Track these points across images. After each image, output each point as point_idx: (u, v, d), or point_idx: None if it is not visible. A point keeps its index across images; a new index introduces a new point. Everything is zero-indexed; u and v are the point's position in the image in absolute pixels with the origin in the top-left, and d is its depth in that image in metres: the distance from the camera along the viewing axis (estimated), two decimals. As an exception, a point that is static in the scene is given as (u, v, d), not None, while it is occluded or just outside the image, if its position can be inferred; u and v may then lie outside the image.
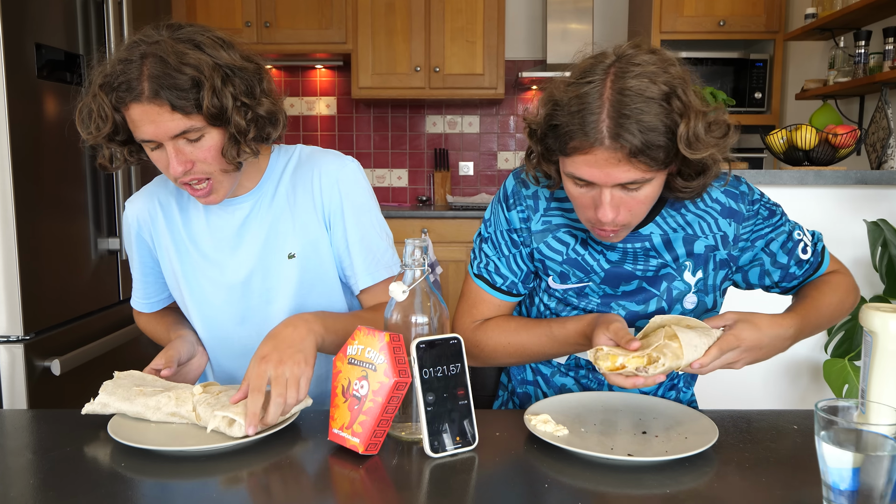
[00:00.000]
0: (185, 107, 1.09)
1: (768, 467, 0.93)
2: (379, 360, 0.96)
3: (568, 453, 0.95)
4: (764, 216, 1.23)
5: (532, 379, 1.33)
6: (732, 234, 1.22)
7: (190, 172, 1.15)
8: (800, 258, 1.24)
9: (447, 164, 4.50)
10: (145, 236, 1.35)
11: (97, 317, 2.08)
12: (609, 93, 1.00)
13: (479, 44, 4.10)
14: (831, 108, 2.83)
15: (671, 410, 1.10)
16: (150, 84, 1.08)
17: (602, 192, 1.05)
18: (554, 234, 1.23)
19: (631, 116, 0.98)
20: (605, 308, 1.23)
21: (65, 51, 1.94)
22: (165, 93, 1.08)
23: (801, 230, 1.26)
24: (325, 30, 4.08)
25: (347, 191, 1.28)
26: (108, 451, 0.97)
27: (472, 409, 0.99)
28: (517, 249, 1.25)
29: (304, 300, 1.30)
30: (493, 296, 1.28)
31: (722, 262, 1.22)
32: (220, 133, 1.15)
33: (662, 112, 0.99)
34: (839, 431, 0.76)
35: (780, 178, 2.22)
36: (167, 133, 1.11)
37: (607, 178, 1.03)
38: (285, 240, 1.28)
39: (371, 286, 1.30)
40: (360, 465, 0.94)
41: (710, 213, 1.21)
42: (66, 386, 1.90)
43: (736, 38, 3.89)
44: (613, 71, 1.02)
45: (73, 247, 1.99)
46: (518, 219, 1.25)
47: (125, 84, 1.09)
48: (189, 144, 1.13)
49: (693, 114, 1.00)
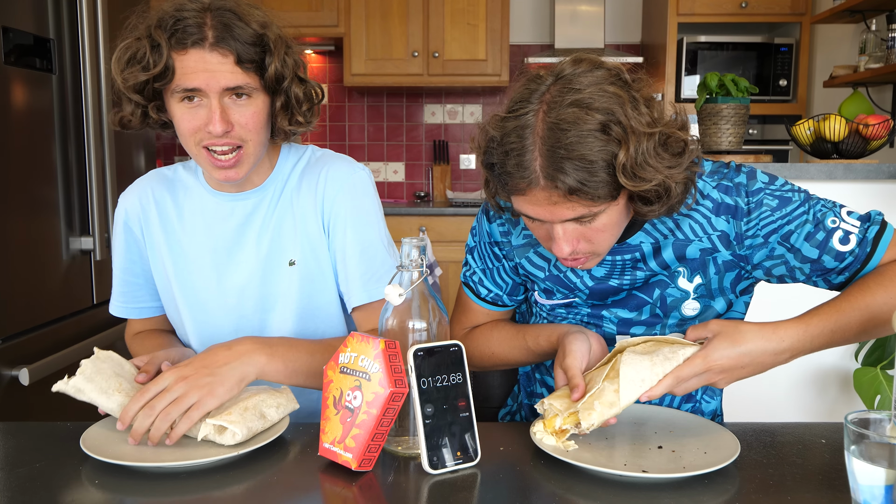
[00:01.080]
0: (249, 61, 1.14)
1: (794, 485, 0.93)
2: (373, 369, 0.96)
3: (577, 469, 0.95)
4: (772, 206, 1.15)
5: (540, 391, 1.34)
6: (733, 231, 1.16)
7: (227, 136, 1.16)
8: (837, 250, 1.13)
9: (447, 157, 4.50)
10: (136, 231, 1.34)
11: (69, 322, 2.08)
12: (541, 128, 0.99)
13: (481, 27, 4.10)
14: (862, 96, 2.83)
15: (689, 423, 1.10)
16: (215, 31, 1.12)
17: (553, 228, 1.05)
18: (535, 249, 1.24)
19: (564, 154, 0.96)
20: (596, 317, 1.24)
21: (34, 35, 1.94)
22: (233, 43, 1.12)
23: (837, 216, 1.14)
24: (315, 12, 4.09)
25: (353, 199, 1.29)
26: (82, 468, 0.97)
27: (474, 422, 0.99)
28: (500, 263, 1.28)
29: (303, 311, 1.30)
30: (481, 305, 1.32)
31: (728, 264, 1.18)
32: (267, 101, 1.20)
33: (598, 143, 0.97)
34: (871, 446, 0.76)
35: (806, 172, 2.22)
36: (221, 85, 1.13)
37: (553, 216, 1.03)
38: (287, 245, 1.28)
39: (366, 304, 1.29)
40: (353, 483, 0.94)
41: (700, 213, 1.17)
42: (34, 397, 1.90)
43: (759, 21, 3.89)
44: (547, 100, 1.00)
45: (43, 247, 1.99)
46: (498, 232, 1.27)
47: (186, 28, 1.11)
48: (235, 104, 1.16)
49: (634, 139, 0.97)
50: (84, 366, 1.07)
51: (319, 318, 1.32)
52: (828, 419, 2.32)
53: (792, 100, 3.97)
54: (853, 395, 2.29)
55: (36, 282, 1.96)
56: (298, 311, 1.30)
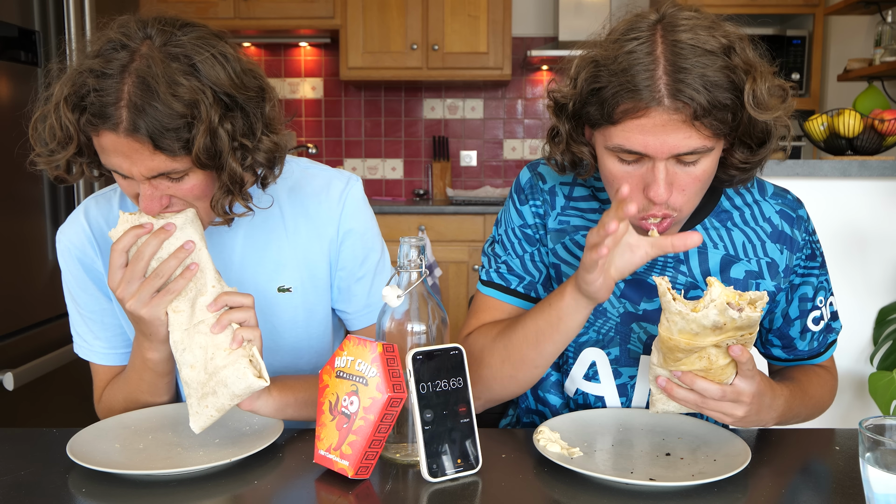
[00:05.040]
0: (170, 147, 0.98)
1: (807, 493, 0.93)
2: (371, 374, 0.96)
3: (582, 477, 0.95)
4: (808, 254, 1.20)
5: (535, 408, 1.32)
6: (784, 263, 1.18)
7: (167, 209, 1.06)
8: (805, 326, 1.21)
9: (447, 153, 4.50)
10: (91, 275, 1.23)
11: (55, 324, 2.08)
12: (662, 47, 0.97)
13: (482, 19, 4.10)
14: (878, 90, 2.83)
15: (698, 430, 1.10)
16: (129, 114, 0.97)
17: (655, 167, 1.00)
18: (571, 237, 1.21)
19: (692, 71, 0.94)
20: (625, 330, 1.21)
21: (18, 27, 1.94)
22: (148, 128, 0.97)
23: (826, 297, 1.23)
24: (310, 3, 4.09)
25: (359, 217, 1.27)
26: (69, 476, 0.97)
27: (475, 429, 0.99)
28: (533, 247, 1.23)
29: (296, 341, 1.28)
30: (506, 302, 1.24)
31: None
32: (208, 174, 1.05)
33: (725, 67, 0.96)
34: (887, 453, 0.76)
35: (820, 169, 2.22)
36: (143, 173, 1.01)
37: (663, 148, 0.98)
38: (277, 270, 1.24)
39: (368, 326, 1.30)
40: (350, 491, 0.94)
41: (758, 234, 1.17)
42: (19, 402, 1.90)
43: (771, 12, 3.89)
44: (661, 27, 1.00)
45: (28, 246, 1.99)
46: (532, 213, 1.23)
47: (99, 106, 0.97)
48: (168, 181, 1.04)
49: (758, 72, 0.97)
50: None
51: (314, 349, 1.29)
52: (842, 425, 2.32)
53: (805, 94, 3.97)
54: (868, 401, 2.29)
55: (20, 283, 1.96)
56: (295, 342, 1.27)
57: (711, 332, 0.92)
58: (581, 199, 1.22)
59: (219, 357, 1.02)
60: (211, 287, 1.04)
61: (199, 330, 1.03)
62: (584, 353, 1.23)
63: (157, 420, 1.14)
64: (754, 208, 1.20)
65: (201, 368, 1.03)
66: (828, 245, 2.24)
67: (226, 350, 1.02)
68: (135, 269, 1.02)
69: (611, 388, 1.23)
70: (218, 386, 1.02)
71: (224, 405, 1.03)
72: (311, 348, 1.29)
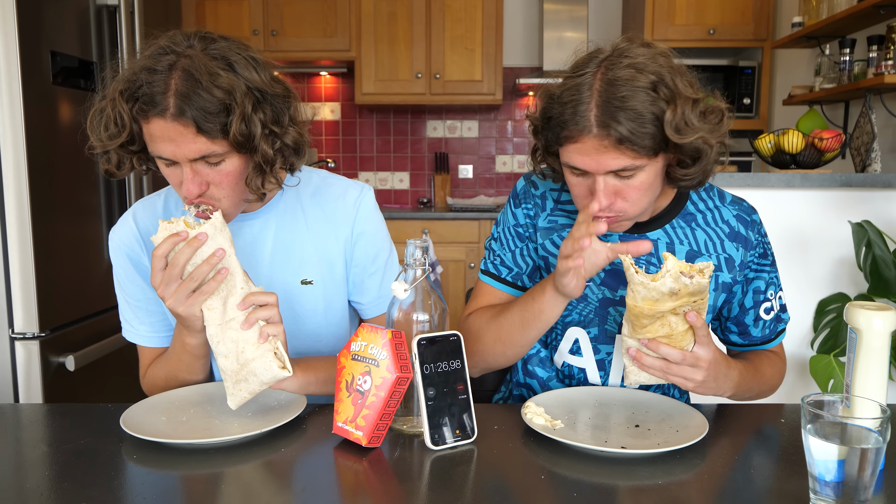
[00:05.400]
0: (211, 130, 1.00)
1: (757, 459, 0.93)
2: (381, 356, 0.96)
3: (563, 446, 0.95)
4: (760, 253, 1.22)
5: (524, 381, 1.32)
6: (739, 259, 1.20)
7: (205, 195, 1.07)
8: (758, 315, 1.23)
9: (447, 167, 4.50)
10: (139, 269, 1.24)
11: (110, 314, 2.08)
12: (598, 84, 1.01)
13: (477, 51, 4.10)
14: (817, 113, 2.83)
15: (663, 405, 1.10)
16: (176, 101, 0.98)
17: (596, 181, 1.05)
18: (559, 233, 1.24)
19: (618, 105, 0.98)
20: (603, 312, 1.22)
21: (78, 58, 1.94)
22: (192, 112, 0.98)
23: (776, 291, 1.24)
24: (330, 38, 4.09)
25: (371, 220, 1.27)
26: (121, 444, 0.97)
27: (471, 404, 0.99)
28: (523, 243, 1.27)
29: (318, 328, 1.27)
30: (498, 289, 1.28)
31: (723, 286, 1.20)
32: (242, 160, 1.06)
33: (649, 100, 0.99)
34: (825, 425, 0.76)
35: (767, 181, 2.22)
36: (187, 155, 1.02)
37: (598, 166, 1.03)
38: (300, 264, 1.23)
39: (379, 315, 1.29)
40: (364, 458, 0.94)
41: (717, 234, 1.20)
42: (79, 381, 1.90)
43: (725, 46, 3.89)
44: (605, 64, 1.02)
45: (87, 247, 1.99)
46: (524, 215, 1.26)
47: (149, 96, 0.99)
48: (208, 167, 1.05)
49: (681, 100, 1.00)
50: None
51: (332, 334, 1.29)
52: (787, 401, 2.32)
53: (755, 116, 3.97)
54: (809, 380, 2.29)
55: (80, 279, 1.96)
56: (315, 328, 1.26)
57: (669, 297, 0.95)
58: (567, 202, 1.25)
59: (248, 350, 1.02)
60: (240, 289, 1.04)
61: (230, 326, 1.03)
62: (569, 331, 1.25)
63: (198, 397, 1.14)
64: (715, 213, 1.21)
65: (234, 359, 1.03)
66: (775, 246, 2.24)
67: (254, 344, 1.02)
68: (171, 273, 1.02)
69: (591, 363, 1.24)
70: (248, 375, 1.02)
71: (255, 389, 1.03)
72: (330, 334, 1.29)
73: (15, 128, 1.71)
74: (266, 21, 4.08)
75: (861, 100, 3.08)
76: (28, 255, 1.75)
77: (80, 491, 0.84)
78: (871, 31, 3.02)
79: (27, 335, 1.78)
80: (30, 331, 1.77)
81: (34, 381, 1.78)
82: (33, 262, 1.76)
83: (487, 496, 0.82)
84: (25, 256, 1.75)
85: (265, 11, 4.07)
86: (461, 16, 4.08)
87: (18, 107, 1.71)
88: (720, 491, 0.84)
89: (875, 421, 0.74)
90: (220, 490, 0.86)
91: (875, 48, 2.80)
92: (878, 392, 0.88)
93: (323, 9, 4.07)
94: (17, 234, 1.73)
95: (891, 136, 2.97)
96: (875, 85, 2.68)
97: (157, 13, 2.32)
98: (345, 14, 4.06)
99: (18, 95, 1.71)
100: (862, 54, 2.98)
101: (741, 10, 3.83)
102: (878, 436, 0.74)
